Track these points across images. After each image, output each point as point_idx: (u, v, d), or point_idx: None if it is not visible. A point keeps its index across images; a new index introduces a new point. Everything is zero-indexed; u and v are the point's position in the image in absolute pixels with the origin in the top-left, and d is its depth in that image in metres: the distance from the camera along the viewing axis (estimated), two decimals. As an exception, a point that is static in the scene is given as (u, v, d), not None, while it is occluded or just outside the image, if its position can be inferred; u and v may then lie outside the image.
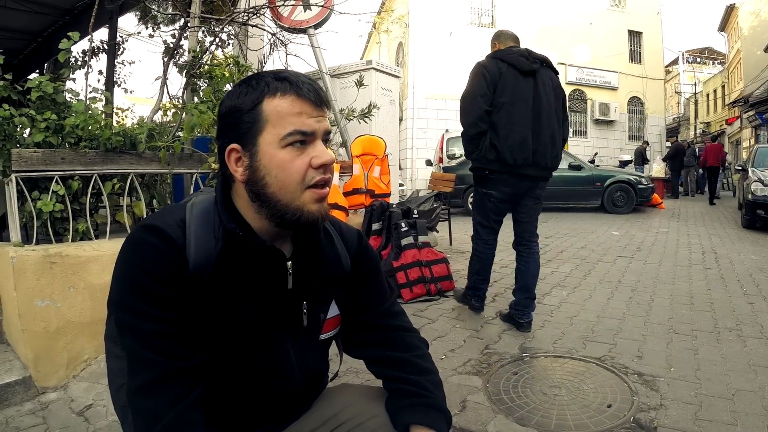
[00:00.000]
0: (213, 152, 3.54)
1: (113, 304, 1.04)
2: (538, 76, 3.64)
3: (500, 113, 3.55)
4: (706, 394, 2.68)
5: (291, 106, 1.03)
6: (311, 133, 1.04)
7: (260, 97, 1.04)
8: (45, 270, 2.69)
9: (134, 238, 1.04)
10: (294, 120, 1.03)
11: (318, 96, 1.06)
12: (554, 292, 4.80)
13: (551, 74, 3.76)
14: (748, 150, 31.34)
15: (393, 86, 7.70)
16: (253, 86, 1.05)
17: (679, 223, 10.38)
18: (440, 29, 19.63)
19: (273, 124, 1.03)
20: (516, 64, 3.60)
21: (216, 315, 1.05)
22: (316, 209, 1.06)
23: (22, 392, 2.59)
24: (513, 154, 3.53)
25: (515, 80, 3.58)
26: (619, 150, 22.05)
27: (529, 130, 3.56)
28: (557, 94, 3.75)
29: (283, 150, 1.03)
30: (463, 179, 11.41)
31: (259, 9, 4.52)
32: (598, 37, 22.18)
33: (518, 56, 3.63)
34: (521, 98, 3.57)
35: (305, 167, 1.03)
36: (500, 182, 3.67)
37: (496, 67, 3.61)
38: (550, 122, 3.63)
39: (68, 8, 6.27)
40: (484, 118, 3.58)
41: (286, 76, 1.06)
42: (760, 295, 4.63)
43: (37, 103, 3.00)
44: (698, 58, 45.54)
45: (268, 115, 1.03)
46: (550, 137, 3.63)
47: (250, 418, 1.16)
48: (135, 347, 0.99)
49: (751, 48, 29.05)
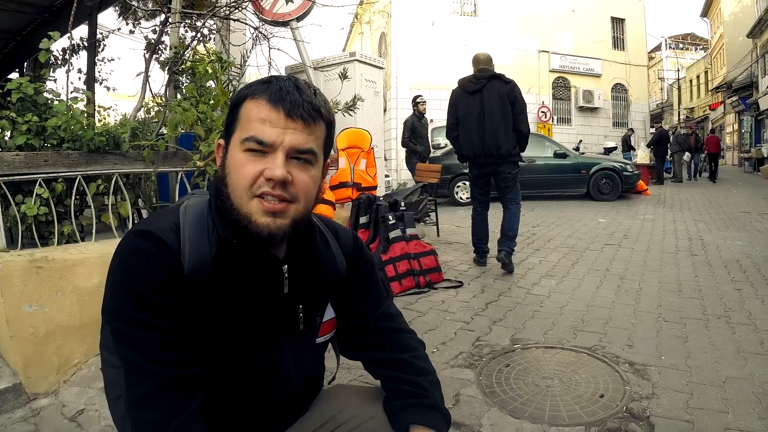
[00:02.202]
0: (197, 149, 3.51)
1: (108, 313, 1.01)
2: (484, 90, 5.12)
3: (460, 124, 5.29)
4: (697, 382, 2.71)
5: (258, 111, 1.01)
6: (268, 144, 1.00)
7: (244, 97, 1.04)
8: (31, 275, 2.65)
9: (127, 244, 1.01)
10: (255, 126, 1.01)
11: (295, 108, 1.01)
12: (543, 281, 4.82)
13: (499, 85, 5.12)
14: (731, 135, 31.74)
15: (377, 78, 7.65)
16: (249, 86, 1.06)
17: (665, 209, 10.44)
18: (422, 19, 19.62)
19: (241, 126, 1.03)
20: (464, 87, 5.28)
21: (212, 320, 1.03)
22: (264, 222, 1.01)
23: (12, 399, 2.55)
24: (466, 150, 5.30)
25: (465, 99, 5.23)
26: (604, 137, 22.21)
27: (476, 134, 5.14)
28: (502, 100, 5.06)
29: (242, 153, 1.01)
30: (449, 169, 11.44)
31: (240, 2, 4.48)
32: (581, 25, 22.27)
33: (467, 81, 5.28)
34: (469, 112, 5.19)
35: (255, 175, 1.00)
36: (471, 167, 5.49)
37: (456, 91, 5.39)
38: (492, 124, 5.04)
39: (47, 5, 6.18)
40: (452, 129, 5.42)
41: (272, 80, 1.04)
42: (747, 281, 4.67)
43: (18, 105, 2.95)
44: (681, 44, 45.86)
45: (241, 116, 1.04)
46: (492, 135, 5.04)
47: (248, 424, 1.15)
48: (132, 357, 0.97)
49: (734, 33, 29.30)
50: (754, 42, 25.91)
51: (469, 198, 7.85)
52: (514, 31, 21.03)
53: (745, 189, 14.92)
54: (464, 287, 4.66)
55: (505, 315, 3.89)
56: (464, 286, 4.70)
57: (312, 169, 1.06)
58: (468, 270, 5.31)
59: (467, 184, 11.67)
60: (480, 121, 5.08)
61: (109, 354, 1.08)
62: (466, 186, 11.81)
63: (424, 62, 19.79)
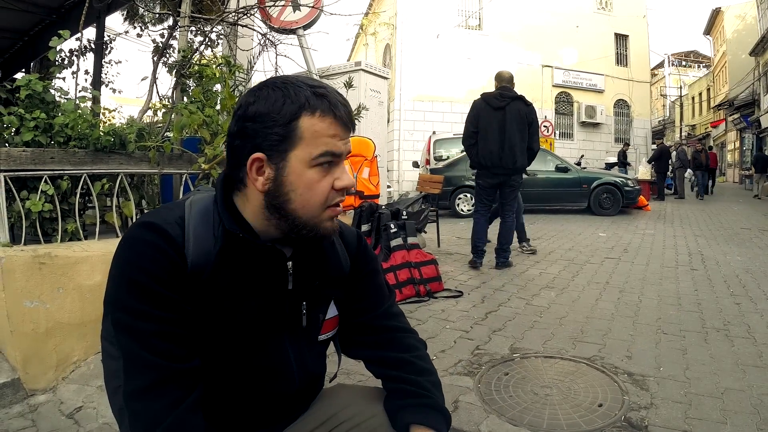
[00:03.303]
0: (203, 152, 3.52)
1: (110, 303, 1.01)
2: (508, 108, 5.61)
3: (480, 135, 5.69)
4: (696, 393, 2.70)
5: (328, 127, 1.02)
6: (339, 155, 1.05)
7: (299, 112, 1.01)
8: (34, 271, 2.66)
9: (131, 236, 1.02)
10: (328, 141, 1.03)
11: (350, 118, 1.07)
12: (543, 293, 4.82)
13: (521, 106, 5.67)
14: (732, 152, 31.81)
15: (381, 87, 7.70)
16: (291, 97, 1.02)
17: (665, 224, 10.45)
18: (427, 31, 19.66)
19: (307, 143, 1.01)
20: (489, 102, 5.71)
21: (214, 315, 1.03)
22: (330, 226, 1.09)
23: (10, 394, 2.56)
24: (484, 161, 5.68)
25: (488, 113, 5.67)
26: (605, 152, 22.22)
27: (497, 146, 5.57)
28: (522, 120, 5.62)
29: (311, 169, 1.02)
30: (451, 181, 11.43)
31: (249, 9, 4.51)
32: (584, 40, 22.33)
33: (493, 97, 5.72)
34: (490, 125, 5.63)
35: (329, 189, 1.05)
36: (483, 175, 5.85)
37: (479, 104, 5.78)
38: (511, 140, 5.55)
39: (56, 6, 6.23)
40: (470, 137, 5.80)
41: (325, 94, 1.04)
42: (746, 295, 4.67)
43: (26, 101, 2.97)
44: (684, 61, 46.09)
45: (304, 132, 1.01)
46: (510, 149, 5.55)
47: (249, 420, 1.15)
48: (132, 348, 0.96)
49: (737, 51, 29.46)
50: (757, 60, 26.06)
51: (470, 210, 8.08)
52: (517, 45, 21.08)
53: (745, 206, 14.95)
54: (464, 297, 4.66)
55: (505, 325, 3.88)
56: (464, 296, 4.70)
57: None
58: (468, 280, 5.31)
59: (468, 196, 11.73)
60: (501, 135, 5.58)
61: (109, 345, 1.07)
62: (467, 198, 11.85)
63: (428, 74, 19.84)
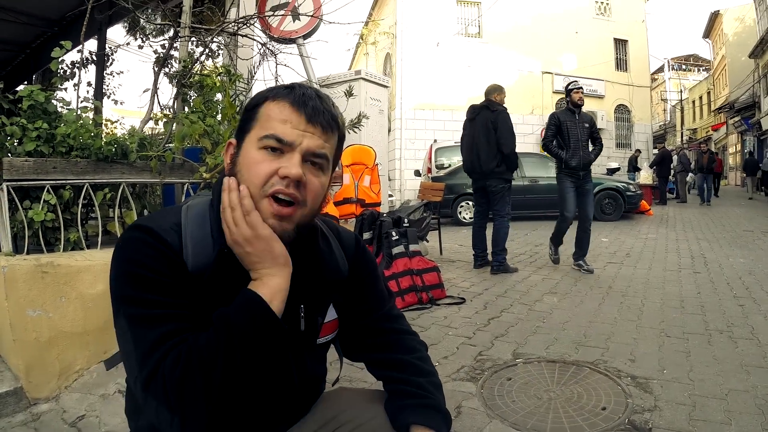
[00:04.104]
0: (204, 162, 3.54)
1: (116, 301, 1.01)
2: (477, 118, 6.23)
3: (461, 145, 6.55)
4: (700, 394, 2.70)
5: (279, 111, 1.04)
6: (288, 143, 1.03)
7: (264, 98, 1.07)
8: (37, 279, 2.66)
9: (127, 237, 1.04)
10: (275, 125, 1.03)
11: (316, 114, 1.05)
12: (545, 298, 4.82)
13: (487, 113, 6.17)
14: (734, 155, 31.79)
15: (382, 96, 7.74)
16: (266, 90, 1.09)
17: (667, 229, 10.45)
18: (427, 39, 19.74)
19: (260, 125, 1.05)
20: (467, 114, 6.48)
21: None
22: (270, 225, 1.03)
23: (13, 403, 2.56)
24: (464, 168, 6.54)
25: (466, 125, 6.44)
26: (607, 158, 22.20)
27: (469, 153, 6.30)
28: (487, 126, 6.09)
29: (258, 151, 1.04)
30: (452, 189, 11.44)
31: (248, 19, 4.53)
32: (584, 46, 22.36)
33: (468, 111, 6.49)
34: (467, 135, 6.38)
35: (270, 173, 1.02)
36: (471, 180, 6.60)
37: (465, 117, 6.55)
38: (478, 147, 6.15)
39: (57, 19, 6.27)
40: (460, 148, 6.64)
41: (295, 86, 1.08)
42: (749, 297, 4.67)
43: (28, 112, 2.99)
44: (683, 65, 46.14)
45: (260, 115, 1.06)
46: (477, 155, 6.16)
47: (249, 422, 1.14)
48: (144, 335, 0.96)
49: (736, 54, 29.48)
50: (756, 62, 26.07)
51: (471, 218, 8.29)
52: (517, 52, 21.12)
53: (747, 209, 14.95)
54: (467, 304, 4.66)
55: (508, 330, 3.88)
56: (467, 302, 4.70)
57: (322, 176, 1.09)
58: (470, 287, 5.31)
59: (470, 204, 11.72)
60: (471, 142, 6.27)
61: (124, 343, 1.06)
62: (469, 206, 11.83)
63: (428, 83, 19.90)
